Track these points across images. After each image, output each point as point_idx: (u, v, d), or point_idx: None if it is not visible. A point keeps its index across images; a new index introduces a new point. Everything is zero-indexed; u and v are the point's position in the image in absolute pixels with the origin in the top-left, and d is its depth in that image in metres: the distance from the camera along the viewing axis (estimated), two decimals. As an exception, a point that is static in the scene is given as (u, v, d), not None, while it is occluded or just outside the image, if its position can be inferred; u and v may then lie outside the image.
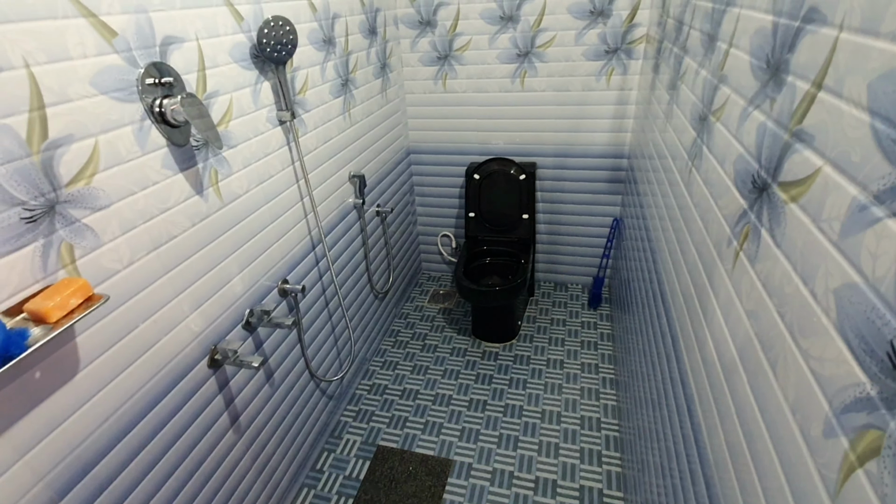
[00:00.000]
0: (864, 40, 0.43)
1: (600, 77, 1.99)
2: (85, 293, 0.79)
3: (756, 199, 0.64)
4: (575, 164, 2.22)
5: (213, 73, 1.09)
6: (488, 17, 1.99)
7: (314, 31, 1.49)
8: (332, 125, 1.65)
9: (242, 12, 1.16)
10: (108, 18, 0.84)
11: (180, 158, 1.02)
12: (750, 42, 0.72)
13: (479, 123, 2.25)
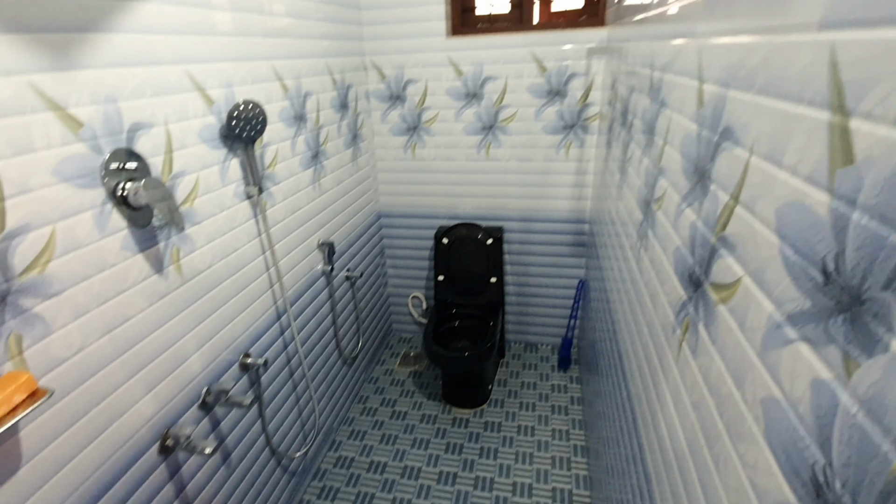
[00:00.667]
0: (770, 168, 0.48)
1: (559, 149, 2.11)
2: (29, 388, 0.75)
3: (693, 293, 0.68)
4: (540, 228, 2.30)
5: (181, 155, 1.11)
6: (454, 93, 2.11)
7: (285, 109, 1.55)
8: (301, 195, 1.68)
9: (213, 96, 1.21)
10: (75, 110, 0.86)
11: (141, 239, 1.02)
12: (681, 144, 0.79)
13: (447, 189, 2.33)
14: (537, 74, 2.00)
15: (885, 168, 0.32)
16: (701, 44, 0.70)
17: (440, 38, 2.03)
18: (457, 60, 2.05)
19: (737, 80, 0.57)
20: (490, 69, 2.03)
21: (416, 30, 2.04)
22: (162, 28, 1.04)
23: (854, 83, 0.35)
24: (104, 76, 0.91)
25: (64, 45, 0.83)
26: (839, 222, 0.36)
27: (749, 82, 0.53)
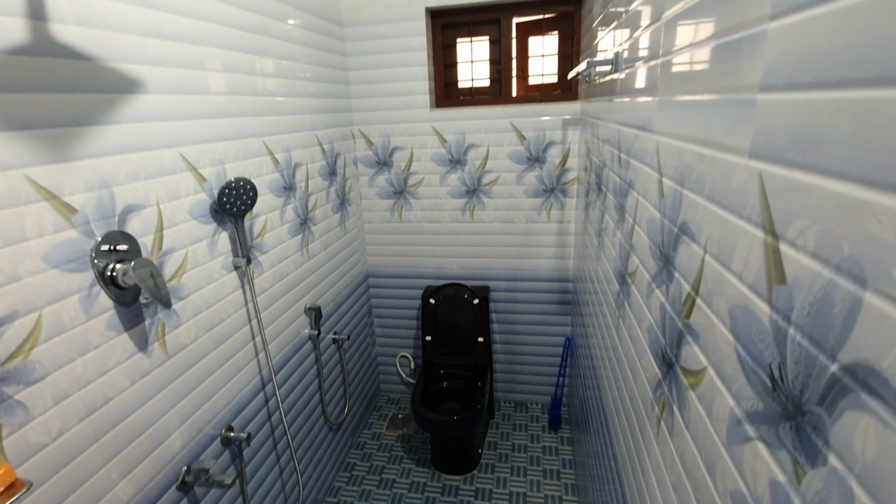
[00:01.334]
0: (721, 269, 0.52)
1: (541, 212, 2.19)
2: (7, 480, 0.73)
3: (667, 372, 0.71)
4: (525, 287, 2.34)
5: (171, 232, 1.14)
6: (439, 160, 2.21)
7: (275, 181, 1.60)
8: (289, 262, 1.71)
9: (205, 174, 1.26)
10: (69, 198, 0.89)
11: (126, 318, 1.02)
12: (647, 227, 0.84)
13: (434, 250, 2.38)
14: (517, 143, 2.10)
15: (811, 294, 0.35)
16: (658, 140, 0.77)
17: (425, 110, 2.14)
18: (441, 129, 2.16)
19: (689, 182, 0.62)
20: (472, 137, 2.14)
21: (402, 102, 2.15)
22: (158, 115, 1.09)
23: (780, 211, 0.40)
24: (99, 164, 0.95)
25: (61, 139, 0.87)
26: (779, 334, 0.40)
27: (699, 187, 0.58)
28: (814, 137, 0.35)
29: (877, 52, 0.29)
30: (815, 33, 0.35)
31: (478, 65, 2.18)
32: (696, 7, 0.61)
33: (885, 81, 0.28)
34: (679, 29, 0.67)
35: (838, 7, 0.33)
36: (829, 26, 0.34)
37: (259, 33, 1.49)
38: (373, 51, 2.11)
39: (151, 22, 1.06)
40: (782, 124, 0.40)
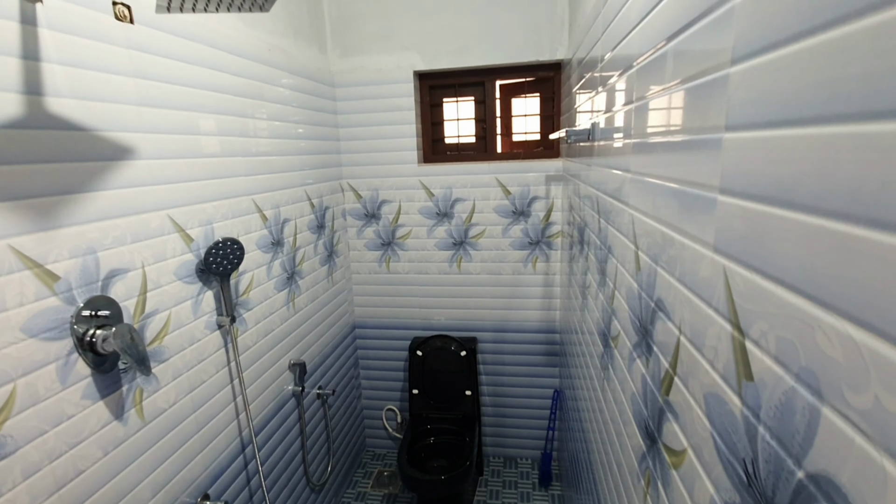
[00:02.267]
0: (695, 353, 0.54)
1: (527, 263, 2.22)
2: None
3: (650, 446, 0.71)
4: (512, 338, 2.34)
5: (155, 294, 1.14)
6: (426, 213, 2.25)
7: (263, 237, 1.61)
8: (274, 317, 1.70)
9: (193, 235, 1.26)
10: (53, 266, 0.89)
11: (103, 385, 1.00)
12: (626, 295, 0.86)
13: (421, 301, 2.38)
14: (502, 197, 2.16)
15: (775, 396, 0.37)
16: (632, 213, 0.81)
17: (413, 165, 2.20)
18: (428, 184, 2.21)
19: (662, 261, 0.65)
20: (459, 192, 2.19)
21: (390, 157, 2.22)
22: (149, 180, 1.11)
23: (744, 309, 0.42)
24: (87, 230, 0.95)
25: (49, 208, 0.88)
26: (750, 430, 0.41)
27: (672, 268, 0.61)
28: (768, 247, 0.38)
29: (814, 189, 0.32)
30: (763, 155, 0.39)
31: (464, 122, 2.27)
32: (664, 99, 0.65)
33: (826, 213, 0.31)
34: (650, 113, 0.72)
35: (779, 134, 0.36)
36: (772, 150, 0.37)
37: (252, 97, 1.54)
38: (363, 109, 2.19)
39: (147, 92, 1.10)
40: (740, 229, 0.42)
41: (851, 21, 0.28)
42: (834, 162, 0.30)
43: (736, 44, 0.43)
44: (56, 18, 0.88)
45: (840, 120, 0.29)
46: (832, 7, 0.30)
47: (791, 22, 0.34)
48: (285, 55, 1.76)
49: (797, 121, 0.34)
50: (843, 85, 0.29)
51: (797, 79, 0.34)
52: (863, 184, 0.28)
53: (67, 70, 0.90)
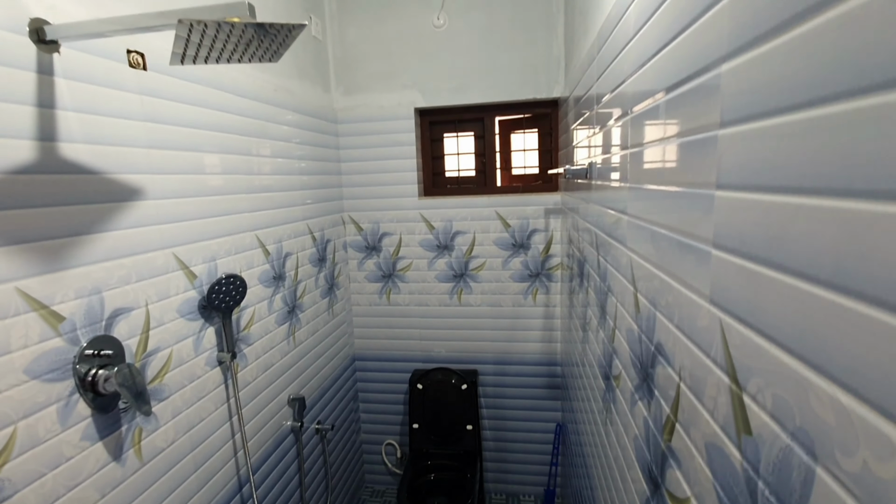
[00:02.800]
0: (695, 401, 0.54)
1: (527, 296, 2.22)
2: None
3: (654, 491, 0.70)
4: (514, 370, 2.32)
5: (157, 332, 1.14)
6: (427, 245, 2.27)
7: (265, 272, 1.63)
8: (275, 351, 1.69)
9: (197, 272, 1.28)
10: (59, 307, 0.90)
11: (103, 426, 0.99)
12: (627, 336, 0.87)
13: (421, 333, 2.37)
14: (502, 230, 2.19)
15: (772, 453, 0.37)
16: (631, 256, 0.82)
17: (413, 199, 2.24)
18: (429, 217, 2.24)
19: (661, 306, 0.66)
20: (459, 224, 2.22)
21: (391, 191, 2.25)
22: (155, 219, 1.13)
23: (741, 364, 0.43)
24: (93, 271, 0.97)
25: (57, 250, 0.89)
26: (750, 483, 0.41)
27: (670, 314, 0.62)
28: (762, 305, 0.39)
29: (806, 253, 0.33)
30: (754, 216, 0.40)
31: (464, 157, 2.31)
32: (658, 150, 0.68)
33: (814, 280, 0.32)
34: (645, 161, 0.74)
35: (769, 200, 0.38)
36: (762, 213, 0.39)
37: (257, 136, 1.58)
38: (365, 144, 2.24)
39: (156, 135, 1.14)
40: (734, 284, 0.44)
41: (834, 103, 0.30)
42: (818, 232, 0.32)
43: (723, 109, 0.45)
44: (72, 68, 0.92)
45: (822, 193, 0.31)
46: (817, 87, 0.32)
47: (775, 96, 0.37)
48: (290, 94, 1.82)
49: (784, 189, 0.36)
50: (824, 162, 0.31)
51: (781, 150, 0.36)
52: (844, 256, 0.29)
53: (81, 116, 0.94)
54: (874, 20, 0.27)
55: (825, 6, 0.31)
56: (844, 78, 0.29)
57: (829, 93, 0.30)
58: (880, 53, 0.26)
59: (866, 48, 0.27)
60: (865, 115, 0.27)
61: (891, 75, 0.25)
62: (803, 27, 0.33)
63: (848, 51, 0.29)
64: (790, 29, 0.34)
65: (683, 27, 0.56)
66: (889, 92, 0.26)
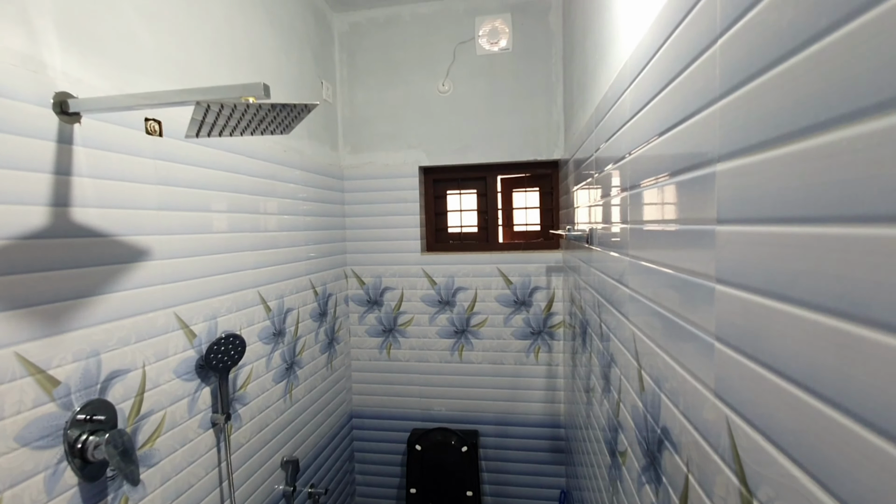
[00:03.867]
0: (705, 499, 0.52)
1: (529, 354, 2.19)
2: None
3: (666, 589, 0.66)
4: (515, 432, 2.25)
5: (152, 394, 1.12)
6: (428, 300, 2.26)
7: (265, 328, 1.62)
8: (270, 411, 1.65)
9: (197, 330, 1.27)
10: (55, 371, 0.89)
11: (89, 495, 0.95)
12: (632, 413, 0.85)
13: (421, 390, 2.32)
14: (504, 286, 2.19)
15: (789, 573, 0.36)
16: (633, 329, 0.82)
17: (416, 254, 2.25)
18: (431, 272, 2.25)
19: (665, 389, 0.65)
20: (461, 280, 2.23)
21: (394, 246, 2.28)
22: (159, 279, 1.14)
23: (751, 469, 0.41)
24: (93, 333, 0.96)
25: (59, 313, 0.89)
26: None
27: (675, 398, 0.61)
28: (769, 411, 0.38)
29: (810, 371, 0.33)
30: (754, 310, 0.41)
31: (466, 213, 2.35)
32: (660, 237, 0.69)
33: (823, 398, 0.32)
34: (645, 229, 0.75)
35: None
36: (763, 311, 0.39)
37: (265, 194, 1.62)
38: (369, 200, 2.28)
39: (167, 197, 1.16)
40: (739, 383, 0.43)
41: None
42: (820, 345, 0.32)
43: (720, 206, 0.47)
44: (91, 136, 0.96)
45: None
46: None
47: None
48: (299, 154, 1.88)
49: (781, 297, 0.36)
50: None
51: (781, 254, 0.37)
52: (846, 369, 0.29)
53: (96, 182, 0.97)
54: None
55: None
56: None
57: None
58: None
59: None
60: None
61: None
62: (793, 146, 0.34)
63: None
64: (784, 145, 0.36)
65: (676, 122, 0.58)
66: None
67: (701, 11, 0.51)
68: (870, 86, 0.27)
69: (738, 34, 0.42)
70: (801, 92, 0.34)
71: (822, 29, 0.31)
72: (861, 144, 0.28)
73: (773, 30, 0.37)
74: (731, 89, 0.44)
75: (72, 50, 0.93)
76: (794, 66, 0.34)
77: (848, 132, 0.29)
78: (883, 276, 0.26)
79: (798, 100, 0.34)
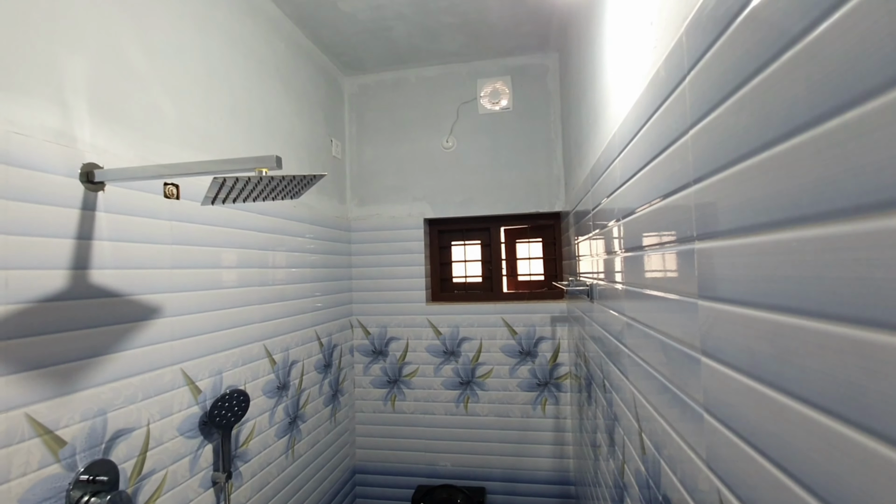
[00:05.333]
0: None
1: (536, 406, 2.16)
2: None
3: None
4: (524, 489, 2.17)
5: (155, 453, 1.12)
6: (433, 350, 2.26)
7: (270, 382, 1.62)
8: (272, 468, 1.62)
9: (202, 386, 1.28)
10: (63, 431, 0.90)
11: (86, 561, 0.94)
12: (636, 475, 0.84)
13: (426, 444, 2.27)
14: (509, 336, 2.18)
15: None
16: (633, 391, 0.82)
17: (421, 304, 2.27)
18: (436, 322, 2.26)
19: (665, 456, 0.65)
20: (466, 331, 2.23)
21: (400, 296, 2.30)
22: (169, 336, 1.17)
23: (742, 544, 0.42)
24: (101, 392, 0.98)
25: (70, 373, 0.92)
26: None
27: (673, 467, 0.61)
28: (759, 494, 0.39)
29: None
30: (736, 388, 0.42)
31: (471, 263, 2.39)
32: (655, 302, 0.71)
33: (807, 488, 0.33)
34: (641, 294, 0.78)
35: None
36: (745, 389, 0.41)
37: (273, 248, 1.67)
38: (375, 251, 2.33)
39: (181, 256, 1.21)
40: (728, 456, 0.44)
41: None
42: (811, 441, 0.33)
43: (700, 282, 0.49)
44: (113, 202, 1.02)
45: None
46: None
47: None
48: (308, 209, 1.95)
49: (769, 379, 0.38)
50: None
51: (764, 337, 0.39)
52: (834, 467, 0.30)
53: (115, 245, 1.01)
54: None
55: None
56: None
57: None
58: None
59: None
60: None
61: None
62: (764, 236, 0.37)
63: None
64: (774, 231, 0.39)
65: (659, 196, 0.62)
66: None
67: (675, 101, 0.55)
68: (824, 193, 0.30)
69: (705, 128, 0.47)
70: (758, 192, 0.37)
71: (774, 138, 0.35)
72: (811, 247, 0.31)
73: (731, 131, 0.41)
74: (701, 177, 0.47)
75: (101, 124, 1.01)
76: (752, 166, 0.38)
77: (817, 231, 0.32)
78: (873, 379, 0.28)
79: (752, 198, 0.37)
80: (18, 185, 0.83)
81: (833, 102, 0.29)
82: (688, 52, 0.52)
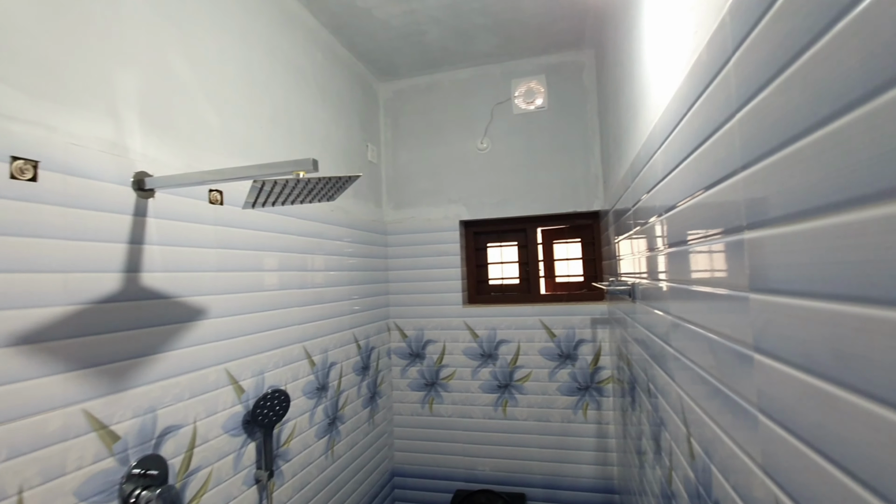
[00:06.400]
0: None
1: (577, 410, 2.10)
2: None
3: None
4: (565, 497, 2.11)
5: (201, 450, 1.16)
6: (470, 353, 2.24)
7: (310, 383, 1.65)
8: (312, 468, 1.65)
9: (245, 386, 1.32)
10: (116, 426, 0.95)
11: (138, 552, 0.98)
12: (684, 482, 0.79)
13: (465, 448, 2.25)
14: (547, 339, 2.14)
15: None
16: (680, 394, 0.78)
17: (458, 306, 2.26)
18: (472, 325, 2.24)
19: (716, 461, 0.61)
20: (503, 333, 2.20)
21: (436, 298, 2.30)
22: (213, 337, 1.21)
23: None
24: (151, 390, 1.03)
25: (122, 371, 0.96)
26: None
27: (725, 471, 0.57)
28: (816, 494, 0.36)
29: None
30: (792, 385, 0.39)
31: (507, 265, 2.36)
32: (704, 304, 0.67)
33: (869, 486, 0.30)
34: (689, 290, 0.74)
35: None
36: (801, 386, 0.37)
37: (312, 252, 1.70)
38: (412, 254, 2.34)
39: (225, 259, 1.26)
40: (785, 461, 0.41)
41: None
42: (872, 435, 0.30)
43: (751, 274, 0.46)
44: (162, 208, 1.06)
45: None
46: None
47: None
48: (345, 213, 1.98)
49: (826, 376, 0.35)
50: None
51: (810, 328, 0.36)
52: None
53: (164, 249, 1.06)
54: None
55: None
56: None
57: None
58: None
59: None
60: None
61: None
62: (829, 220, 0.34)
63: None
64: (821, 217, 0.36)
65: (704, 187, 0.58)
66: None
67: (719, 85, 0.52)
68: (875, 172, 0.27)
69: (753, 111, 0.44)
70: (812, 174, 0.34)
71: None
72: (873, 228, 0.28)
73: (781, 112, 0.38)
74: (749, 163, 0.44)
75: (150, 134, 1.06)
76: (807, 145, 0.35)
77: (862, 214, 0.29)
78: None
79: (806, 180, 0.34)
80: (76, 193, 0.88)
81: (890, 73, 0.26)
82: (732, 32, 0.49)
